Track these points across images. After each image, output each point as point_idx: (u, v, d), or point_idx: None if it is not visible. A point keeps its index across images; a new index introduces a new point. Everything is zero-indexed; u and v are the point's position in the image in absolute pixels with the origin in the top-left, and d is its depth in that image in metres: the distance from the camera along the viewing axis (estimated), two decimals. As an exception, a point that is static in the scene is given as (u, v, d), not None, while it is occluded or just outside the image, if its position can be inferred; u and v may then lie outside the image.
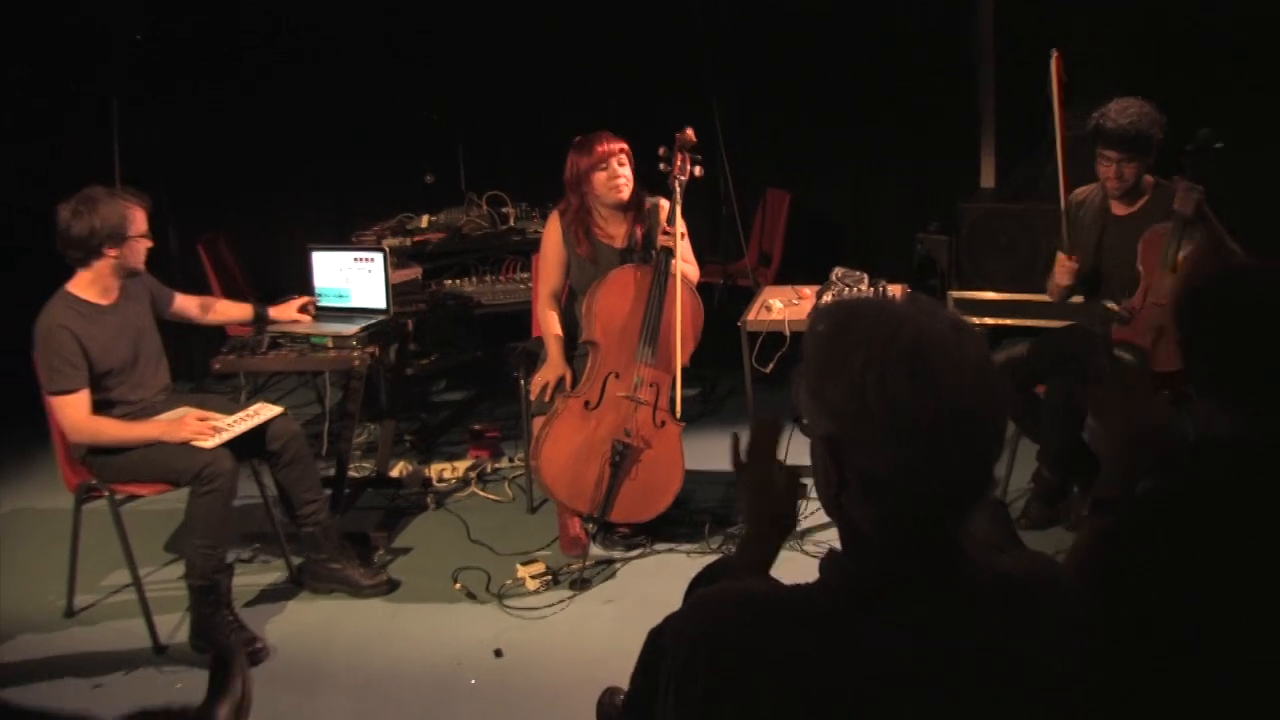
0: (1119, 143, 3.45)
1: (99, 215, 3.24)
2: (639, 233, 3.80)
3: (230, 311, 3.93)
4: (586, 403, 3.62)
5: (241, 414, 3.44)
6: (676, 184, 3.66)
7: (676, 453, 3.70)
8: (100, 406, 3.30)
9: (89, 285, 3.33)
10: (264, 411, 3.48)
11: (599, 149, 3.67)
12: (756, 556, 1.66)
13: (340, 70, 5.77)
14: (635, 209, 3.79)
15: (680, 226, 3.65)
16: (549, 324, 3.83)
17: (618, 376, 3.64)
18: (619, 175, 3.69)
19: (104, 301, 3.36)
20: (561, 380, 3.72)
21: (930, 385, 1.12)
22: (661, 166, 3.70)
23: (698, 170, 3.71)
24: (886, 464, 1.15)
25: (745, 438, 1.69)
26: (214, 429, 3.31)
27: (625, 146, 3.72)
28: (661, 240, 3.63)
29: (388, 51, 5.78)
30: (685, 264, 3.73)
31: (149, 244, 3.39)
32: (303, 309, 3.98)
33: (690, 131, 3.72)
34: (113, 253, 3.29)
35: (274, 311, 3.94)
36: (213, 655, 2.69)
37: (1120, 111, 3.44)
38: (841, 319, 1.21)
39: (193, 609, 3.25)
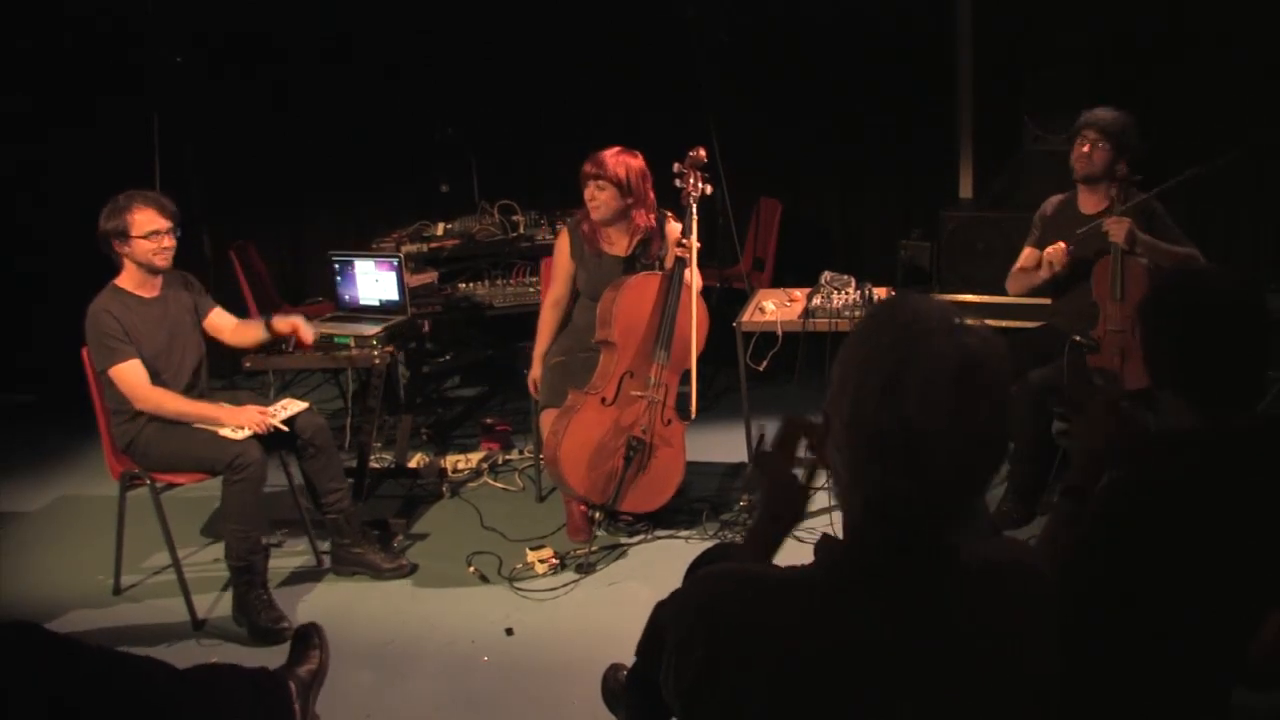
0: (1096, 125, 3.60)
1: (107, 216, 3.31)
2: (640, 243, 3.81)
3: (248, 333, 3.72)
4: (603, 399, 3.63)
5: (274, 407, 3.49)
6: (691, 200, 3.68)
7: (680, 449, 3.74)
8: None
9: (129, 279, 3.39)
10: (292, 406, 3.51)
11: (584, 170, 3.72)
12: (763, 541, 1.67)
13: (363, 88, 5.80)
14: (628, 223, 3.79)
15: (695, 240, 3.65)
16: (544, 327, 3.90)
17: (633, 376, 3.66)
18: (594, 198, 3.71)
19: (145, 294, 3.41)
20: (562, 375, 3.76)
21: (893, 406, 1.12)
22: (676, 183, 3.71)
23: (708, 188, 3.71)
24: (840, 453, 1.19)
25: (770, 431, 1.68)
26: (268, 425, 3.35)
27: (605, 171, 3.66)
28: (678, 252, 3.65)
29: (408, 70, 5.81)
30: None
31: (161, 244, 3.32)
32: (303, 326, 3.71)
33: (702, 152, 3.72)
34: (121, 249, 3.33)
35: (276, 322, 3.71)
36: (296, 631, 2.74)
37: (1104, 108, 3.63)
38: (872, 318, 1.22)
39: (233, 587, 3.29)
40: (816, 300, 3.93)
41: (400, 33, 5.79)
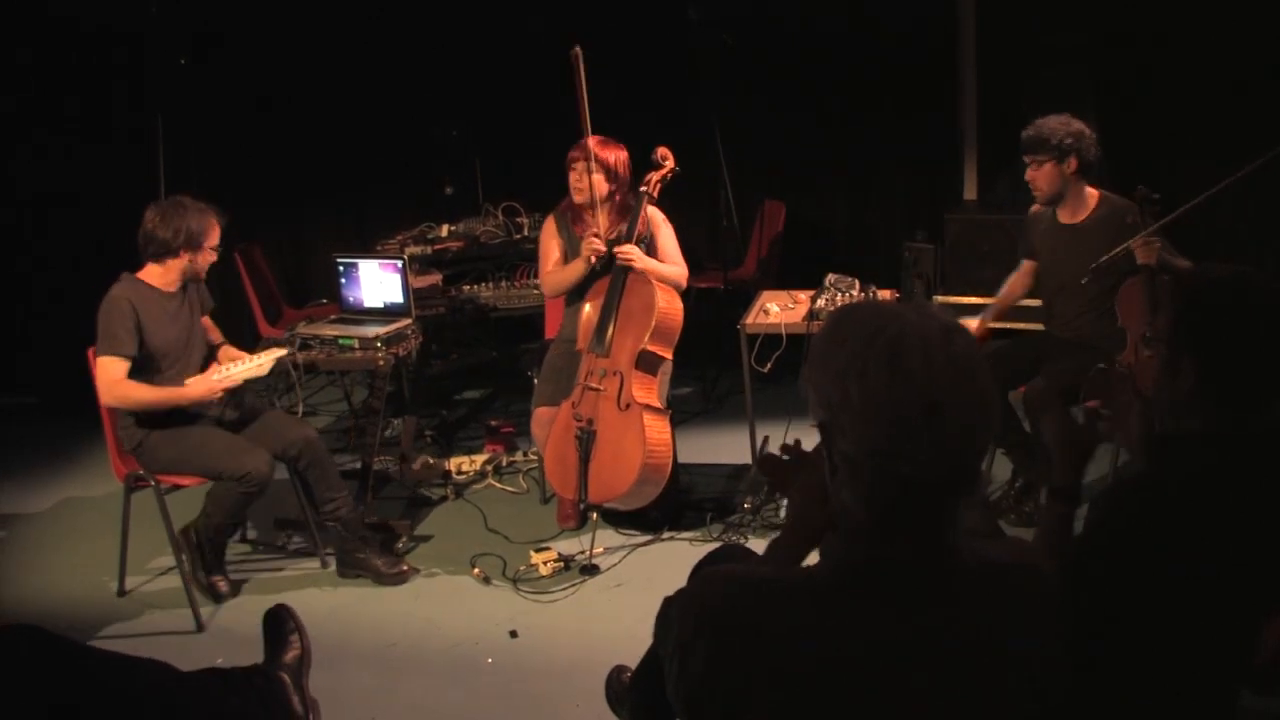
0: (1024, 148, 3.55)
1: (185, 221, 3.34)
2: (622, 229, 3.87)
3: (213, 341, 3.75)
4: (573, 404, 3.73)
5: (254, 355, 3.50)
6: (645, 195, 3.83)
7: (638, 432, 3.61)
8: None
9: (154, 275, 3.40)
10: (269, 356, 3.48)
11: (570, 154, 3.85)
12: (785, 556, 1.64)
13: (367, 89, 5.80)
14: (619, 209, 3.90)
15: (633, 249, 3.75)
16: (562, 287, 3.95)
17: (590, 374, 3.74)
18: (580, 180, 3.83)
19: (165, 289, 3.41)
20: (557, 372, 3.83)
21: (904, 377, 1.15)
22: (650, 172, 3.83)
23: (654, 193, 3.87)
24: (858, 446, 1.18)
25: (775, 442, 1.69)
26: (224, 389, 3.36)
27: (594, 154, 3.79)
28: (620, 258, 3.75)
29: (412, 71, 5.81)
30: (671, 265, 3.87)
31: (215, 258, 3.45)
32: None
33: (672, 161, 3.89)
34: (186, 256, 3.37)
35: (220, 350, 3.69)
36: (265, 617, 2.73)
37: (1030, 127, 3.53)
38: (840, 317, 1.26)
39: (185, 552, 3.44)
40: (821, 302, 3.92)
41: (403, 33, 5.79)
